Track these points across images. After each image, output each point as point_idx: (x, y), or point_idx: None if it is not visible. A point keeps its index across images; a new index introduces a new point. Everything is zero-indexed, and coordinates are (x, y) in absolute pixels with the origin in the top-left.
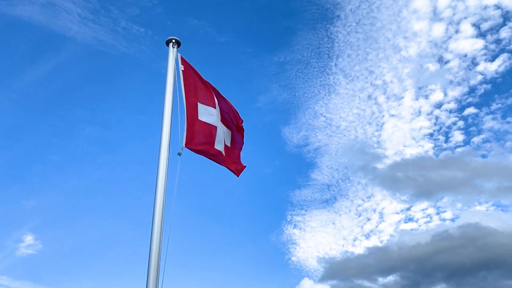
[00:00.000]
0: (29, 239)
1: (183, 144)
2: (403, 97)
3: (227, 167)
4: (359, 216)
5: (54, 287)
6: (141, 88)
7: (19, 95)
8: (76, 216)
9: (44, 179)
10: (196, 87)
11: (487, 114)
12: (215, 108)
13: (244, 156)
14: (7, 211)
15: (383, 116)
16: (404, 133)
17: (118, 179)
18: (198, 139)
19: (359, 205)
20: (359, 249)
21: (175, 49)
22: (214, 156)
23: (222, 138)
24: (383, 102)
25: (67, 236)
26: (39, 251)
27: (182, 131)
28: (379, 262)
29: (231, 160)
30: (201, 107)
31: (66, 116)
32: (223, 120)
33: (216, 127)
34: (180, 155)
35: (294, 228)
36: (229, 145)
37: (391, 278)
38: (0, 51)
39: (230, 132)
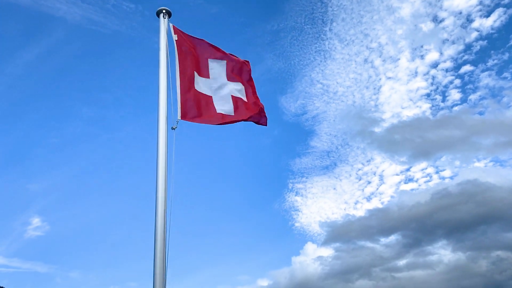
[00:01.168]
0: (36, 221)
1: (178, 117)
2: (399, 59)
3: (243, 120)
4: (360, 179)
5: (65, 266)
6: (135, 64)
7: (12, 80)
8: (81, 196)
9: (46, 162)
10: (192, 56)
11: (483, 71)
12: (209, 78)
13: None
14: (13, 195)
15: (380, 79)
16: (401, 95)
17: (118, 158)
18: (196, 110)
19: (359, 169)
20: (360, 212)
21: (166, 19)
22: (220, 118)
23: (227, 101)
24: (379, 65)
25: (73, 216)
26: (47, 233)
27: (176, 102)
28: (380, 223)
29: (249, 113)
30: (198, 77)
31: (62, 98)
32: (231, 77)
33: (211, 96)
34: (174, 129)
35: (296, 195)
36: (245, 99)
37: (392, 238)
38: None
39: (242, 86)
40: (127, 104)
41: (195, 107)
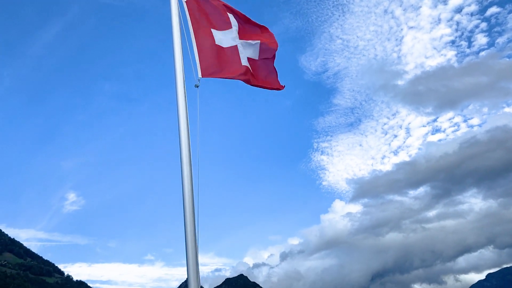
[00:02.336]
0: (72, 196)
1: (199, 75)
2: (420, 7)
3: (258, 85)
4: (386, 134)
5: (103, 237)
6: (151, 35)
7: (34, 61)
8: (111, 170)
9: (75, 139)
10: (207, 14)
11: (511, 12)
12: (231, 28)
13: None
14: (47, 173)
15: (402, 29)
16: (425, 44)
17: (143, 129)
18: (218, 65)
19: (385, 124)
20: (387, 166)
21: None
22: (242, 74)
23: (245, 55)
24: (400, 14)
25: (106, 190)
26: (83, 207)
27: (195, 62)
28: (408, 176)
29: (262, 74)
30: (216, 33)
31: (84, 75)
32: (244, 35)
33: (236, 45)
34: (197, 87)
35: (321, 154)
36: (256, 58)
37: (421, 190)
38: (8, 18)
39: (256, 43)
40: (148, 76)
41: (217, 63)
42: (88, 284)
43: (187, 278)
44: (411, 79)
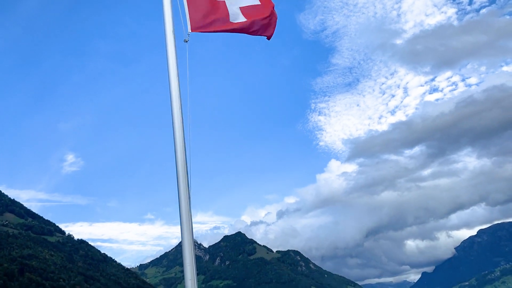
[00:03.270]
0: (70, 157)
1: (189, 30)
2: None
3: (254, 34)
4: (383, 94)
5: (103, 197)
6: None
7: (26, 20)
8: (109, 131)
9: (72, 101)
10: None
11: None
12: None
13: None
14: (45, 134)
15: None
16: (425, 1)
17: (140, 89)
18: (208, 19)
19: (383, 83)
20: (383, 126)
21: None
22: (233, 29)
23: (237, 5)
24: None
25: (105, 150)
26: (82, 167)
27: (185, 17)
28: (404, 136)
29: (254, 21)
30: None
31: (78, 34)
32: None
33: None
34: (186, 41)
35: (319, 115)
36: (249, 4)
37: (417, 149)
38: None
39: None
40: (142, 35)
41: (207, 17)
42: (89, 243)
43: (181, 236)
44: (409, 38)
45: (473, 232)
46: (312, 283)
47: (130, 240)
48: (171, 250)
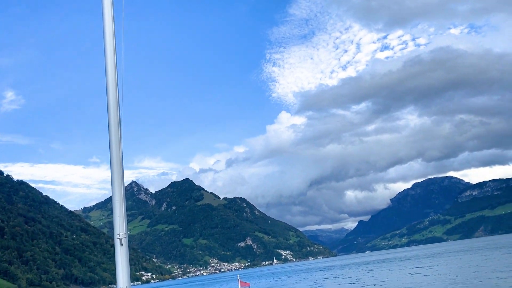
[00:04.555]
0: (10, 95)
1: None
2: None
3: None
4: (337, 48)
5: (46, 138)
6: None
7: None
8: (53, 68)
9: (12, 34)
10: None
11: None
12: None
13: None
14: None
15: None
16: None
17: (86, 22)
18: None
19: (337, 38)
20: (334, 81)
21: None
22: None
23: None
24: None
25: (48, 90)
26: (23, 106)
27: None
28: (352, 91)
29: None
30: None
31: None
32: None
33: None
34: None
35: (273, 66)
36: None
37: (363, 105)
38: None
39: None
40: None
41: None
42: (31, 184)
43: (110, 175)
44: None
45: (408, 185)
46: (256, 228)
47: (75, 182)
48: None
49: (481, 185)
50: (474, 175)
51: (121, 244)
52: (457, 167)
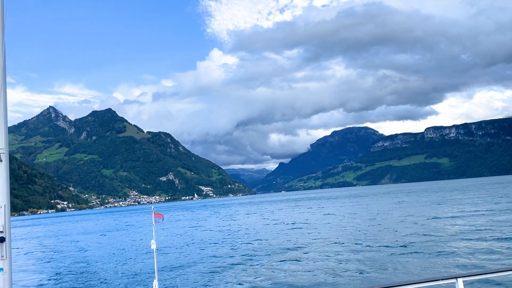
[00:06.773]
0: None
1: None
2: None
3: None
4: None
5: None
6: None
7: None
8: None
9: None
10: None
11: None
12: None
13: None
14: None
15: None
16: None
17: None
18: None
19: None
20: (269, 23)
21: None
22: None
23: None
24: None
25: None
26: None
27: None
28: (286, 36)
29: None
30: None
31: None
32: None
33: None
34: None
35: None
36: None
37: (295, 51)
38: None
39: None
40: None
41: None
42: None
43: None
44: None
45: (328, 132)
46: (179, 164)
47: None
48: (32, 118)
49: (392, 137)
50: (388, 128)
51: (0, 160)
52: (374, 119)
